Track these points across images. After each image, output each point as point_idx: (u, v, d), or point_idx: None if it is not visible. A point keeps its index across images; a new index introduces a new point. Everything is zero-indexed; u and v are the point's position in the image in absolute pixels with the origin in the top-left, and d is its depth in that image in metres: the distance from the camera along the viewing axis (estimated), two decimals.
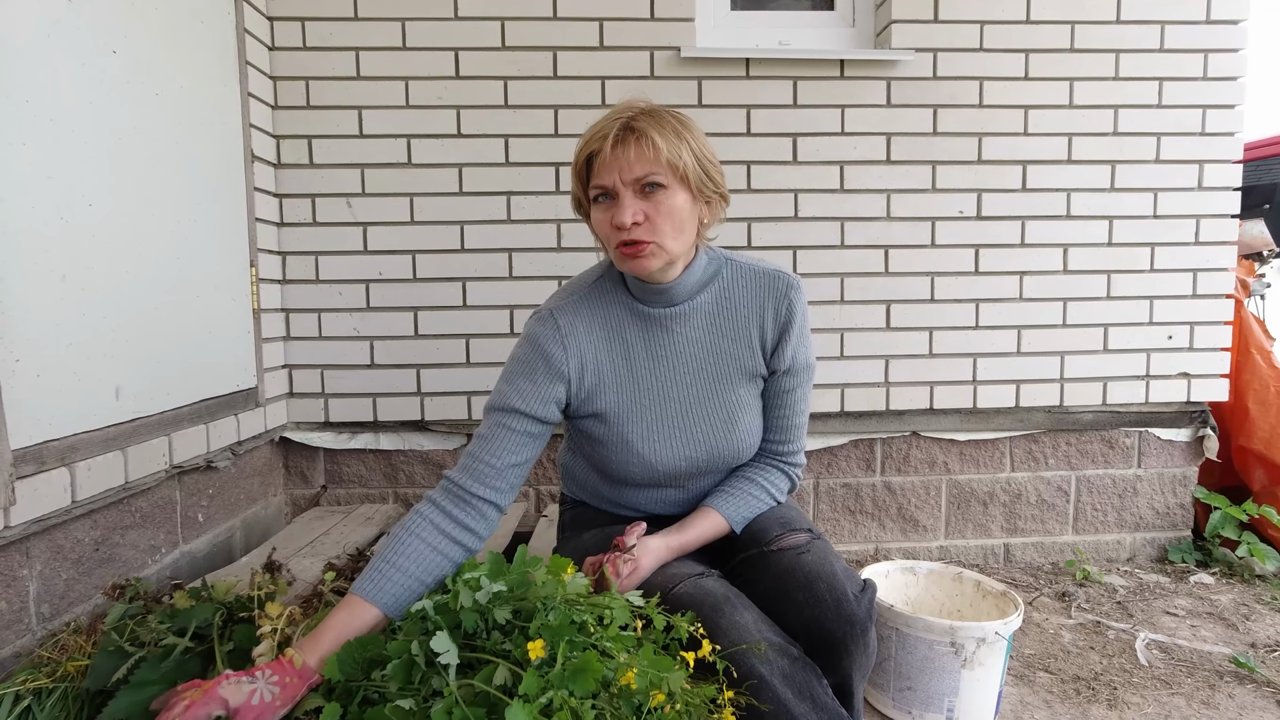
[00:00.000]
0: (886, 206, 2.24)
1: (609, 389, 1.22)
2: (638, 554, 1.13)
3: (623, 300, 1.23)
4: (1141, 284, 2.33)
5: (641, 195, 1.10)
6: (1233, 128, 2.30)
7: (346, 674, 0.76)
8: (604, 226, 1.13)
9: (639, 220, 1.09)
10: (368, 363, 2.18)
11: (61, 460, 1.29)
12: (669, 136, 1.09)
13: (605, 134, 1.09)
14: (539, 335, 1.20)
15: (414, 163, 2.13)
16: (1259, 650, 1.85)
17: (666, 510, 1.31)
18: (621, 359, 1.22)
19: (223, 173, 1.83)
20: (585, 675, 0.73)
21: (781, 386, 1.26)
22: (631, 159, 1.08)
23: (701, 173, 1.12)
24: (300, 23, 2.08)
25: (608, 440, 1.23)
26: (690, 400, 1.23)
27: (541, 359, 1.18)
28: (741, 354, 1.23)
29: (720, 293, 1.24)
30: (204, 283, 1.73)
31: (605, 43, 2.14)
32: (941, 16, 2.20)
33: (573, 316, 1.21)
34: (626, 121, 1.10)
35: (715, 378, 1.23)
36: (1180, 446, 2.43)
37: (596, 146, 1.10)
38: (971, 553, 2.40)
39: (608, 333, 1.22)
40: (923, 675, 1.49)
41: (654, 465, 1.22)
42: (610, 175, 1.09)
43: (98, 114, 1.39)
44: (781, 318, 1.22)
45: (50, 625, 1.29)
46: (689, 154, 1.10)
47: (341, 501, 2.25)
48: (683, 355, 1.23)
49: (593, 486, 1.36)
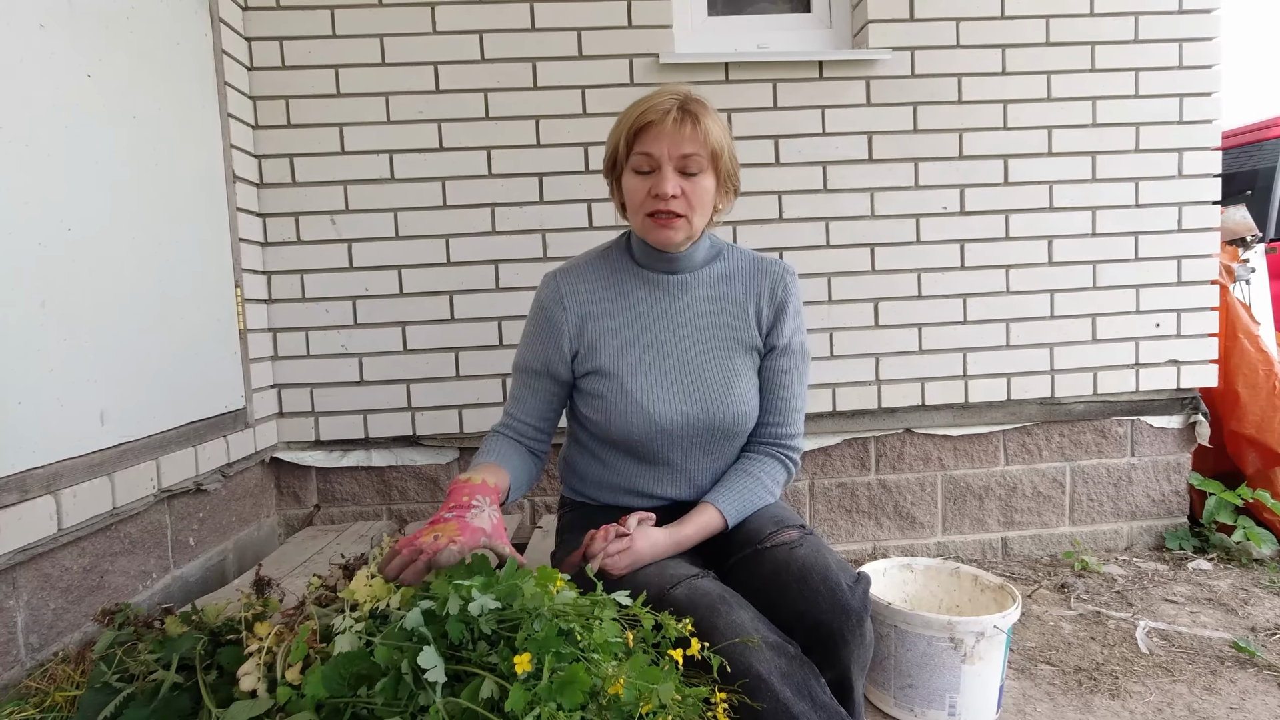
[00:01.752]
0: (871, 205, 2.25)
1: (610, 345, 1.30)
2: (635, 536, 1.14)
3: (629, 267, 1.34)
4: (1127, 273, 2.34)
5: (681, 173, 1.21)
6: (1210, 115, 2.32)
7: (332, 691, 0.75)
8: (639, 193, 1.23)
9: (677, 194, 1.21)
10: (357, 379, 2.17)
11: (46, 488, 1.28)
12: (716, 126, 1.23)
13: (665, 110, 1.20)
14: (541, 298, 1.34)
15: (397, 178, 2.13)
16: (1259, 634, 1.85)
17: (667, 493, 1.34)
18: (623, 318, 1.31)
19: (204, 194, 1.82)
20: (573, 688, 0.72)
21: (779, 367, 1.33)
22: (685, 138, 1.19)
23: (730, 165, 1.27)
24: (278, 42, 2.08)
25: (609, 394, 1.29)
26: (690, 360, 1.30)
27: (546, 320, 1.32)
28: (739, 326, 1.32)
29: (722, 270, 1.35)
30: (188, 305, 1.72)
31: (584, 52, 2.15)
32: (917, 15, 2.21)
33: (575, 279, 1.33)
34: (684, 103, 1.21)
35: (714, 344, 1.31)
36: (1173, 433, 2.43)
37: (655, 119, 1.20)
38: (969, 548, 2.40)
39: (612, 293, 1.32)
40: (923, 672, 1.48)
41: (653, 417, 1.27)
42: (660, 147, 1.20)
43: (74, 138, 1.38)
44: (778, 298, 1.33)
45: (39, 655, 1.27)
46: (727, 145, 1.25)
47: (335, 520, 2.23)
48: (684, 319, 1.32)
49: (594, 475, 1.37)
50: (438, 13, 2.10)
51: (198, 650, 0.96)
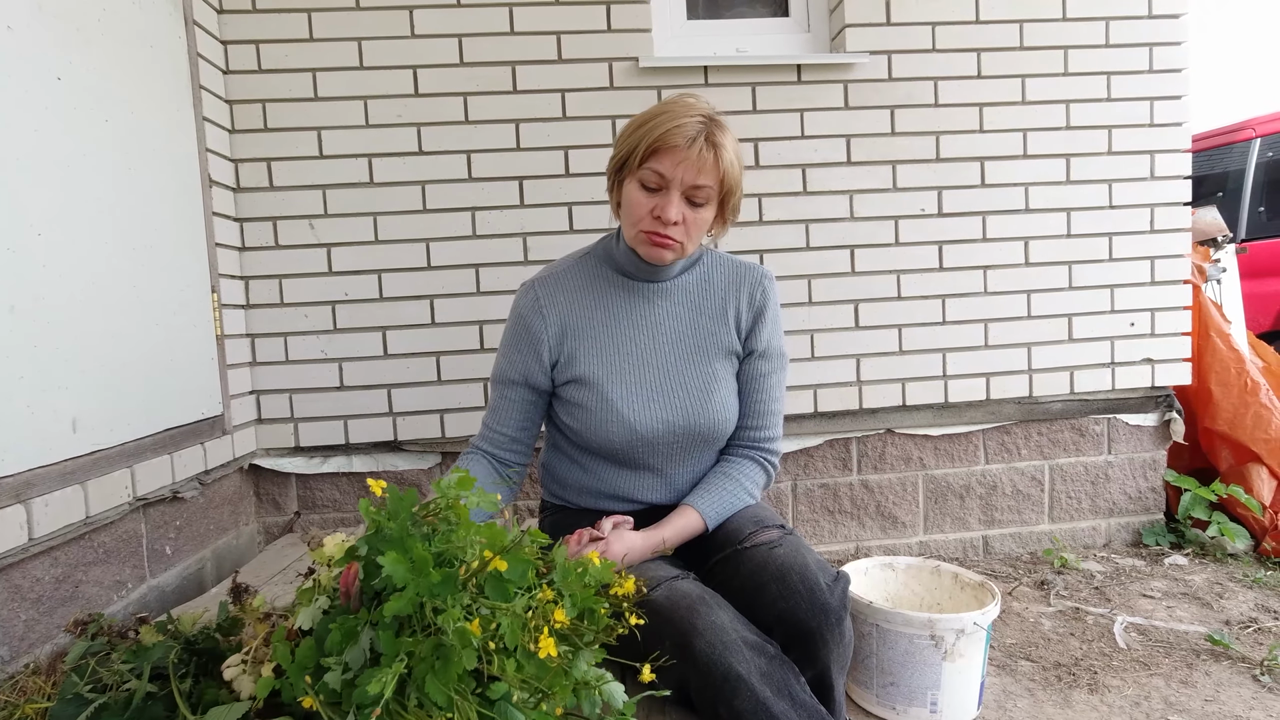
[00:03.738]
0: (850, 207, 2.27)
1: (590, 353, 1.30)
2: (610, 540, 1.14)
3: (607, 274, 1.34)
4: (1102, 273, 2.37)
5: (686, 200, 1.21)
6: (1180, 118, 2.36)
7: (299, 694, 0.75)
8: (641, 208, 1.22)
9: (678, 221, 1.20)
10: (337, 385, 2.15)
11: (16, 497, 1.25)
12: (737, 160, 1.22)
13: (690, 134, 1.16)
14: (520, 307, 1.33)
15: (376, 182, 2.12)
16: (1233, 627, 1.88)
17: (647, 497, 1.34)
18: (603, 325, 1.31)
19: (179, 199, 1.80)
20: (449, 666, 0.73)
21: (757, 370, 1.33)
22: (705, 169, 1.18)
23: (736, 199, 1.27)
24: (255, 45, 2.06)
25: (589, 403, 1.28)
26: (670, 368, 1.30)
27: (524, 330, 1.31)
28: (719, 331, 1.32)
29: (701, 276, 1.35)
30: (163, 310, 1.70)
31: (564, 56, 2.15)
32: (894, 19, 2.24)
33: (554, 286, 1.32)
34: (710, 130, 1.18)
35: (694, 349, 1.32)
36: (1148, 431, 2.47)
37: (676, 141, 1.16)
38: (951, 547, 2.42)
39: (591, 300, 1.32)
40: (904, 670, 1.49)
41: (634, 426, 1.26)
42: (675, 169, 1.18)
43: (44, 141, 1.36)
44: (756, 302, 1.34)
45: (9, 668, 1.24)
46: (739, 181, 1.25)
47: (316, 527, 2.21)
48: (664, 326, 1.32)
49: (574, 480, 1.37)
50: (416, 16, 2.10)
51: (171, 659, 0.94)
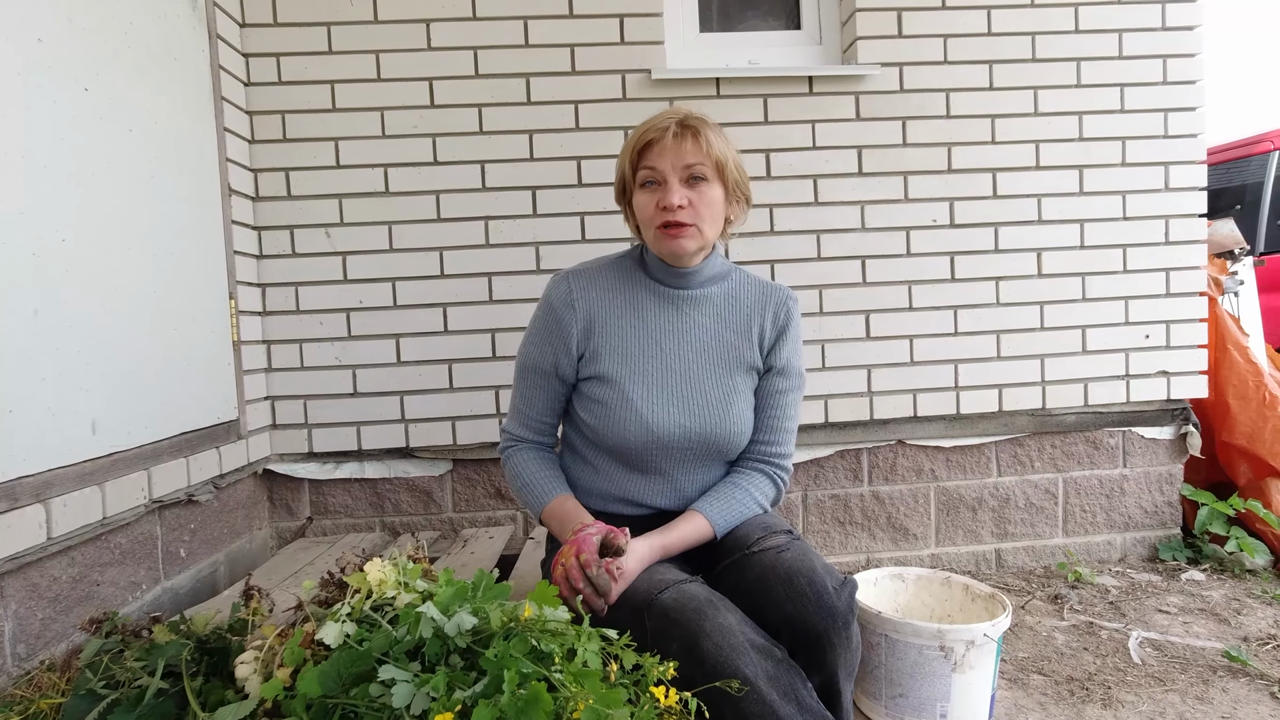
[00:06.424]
0: (861, 217, 2.27)
1: (615, 350, 1.31)
2: (624, 560, 1.13)
3: (640, 278, 1.36)
4: (1116, 285, 2.36)
5: (687, 184, 1.25)
6: (1195, 130, 2.35)
7: (327, 689, 0.76)
8: (648, 208, 1.26)
9: (684, 204, 1.23)
10: (351, 391, 2.17)
11: (36, 496, 1.28)
12: (717, 138, 1.27)
13: (665, 127, 1.24)
14: (551, 296, 1.35)
15: (391, 191, 2.15)
16: (1251, 644, 1.85)
17: (655, 502, 1.34)
18: (630, 325, 1.33)
19: (200, 207, 1.84)
20: (536, 708, 0.72)
21: (775, 387, 1.35)
22: (686, 150, 1.23)
23: (737, 174, 1.30)
24: (275, 58, 2.11)
25: (609, 400, 1.29)
26: (692, 375, 1.32)
27: (554, 320, 1.32)
28: (742, 346, 1.34)
29: (729, 291, 1.38)
30: (182, 316, 1.73)
31: (577, 68, 2.18)
32: (906, 31, 2.25)
33: (588, 281, 1.34)
34: (683, 119, 1.26)
35: (717, 361, 1.33)
36: (1164, 444, 2.44)
37: (655, 136, 1.24)
38: (963, 560, 2.40)
39: (622, 300, 1.34)
40: (914, 681, 1.48)
41: (651, 428, 1.27)
42: (664, 161, 1.24)
43: (71, 150, 1.40)
44: (780, 321, 1.36)
45: (26, 665, 1.26)
46: (731, 156, 1.28)
47: (328, 532, 2.23)
48: (690, 334, 1.34)
49: (585, 480, 1.38)
50: (433, 29, 2.13)
51: (184, 656, 0.96)
